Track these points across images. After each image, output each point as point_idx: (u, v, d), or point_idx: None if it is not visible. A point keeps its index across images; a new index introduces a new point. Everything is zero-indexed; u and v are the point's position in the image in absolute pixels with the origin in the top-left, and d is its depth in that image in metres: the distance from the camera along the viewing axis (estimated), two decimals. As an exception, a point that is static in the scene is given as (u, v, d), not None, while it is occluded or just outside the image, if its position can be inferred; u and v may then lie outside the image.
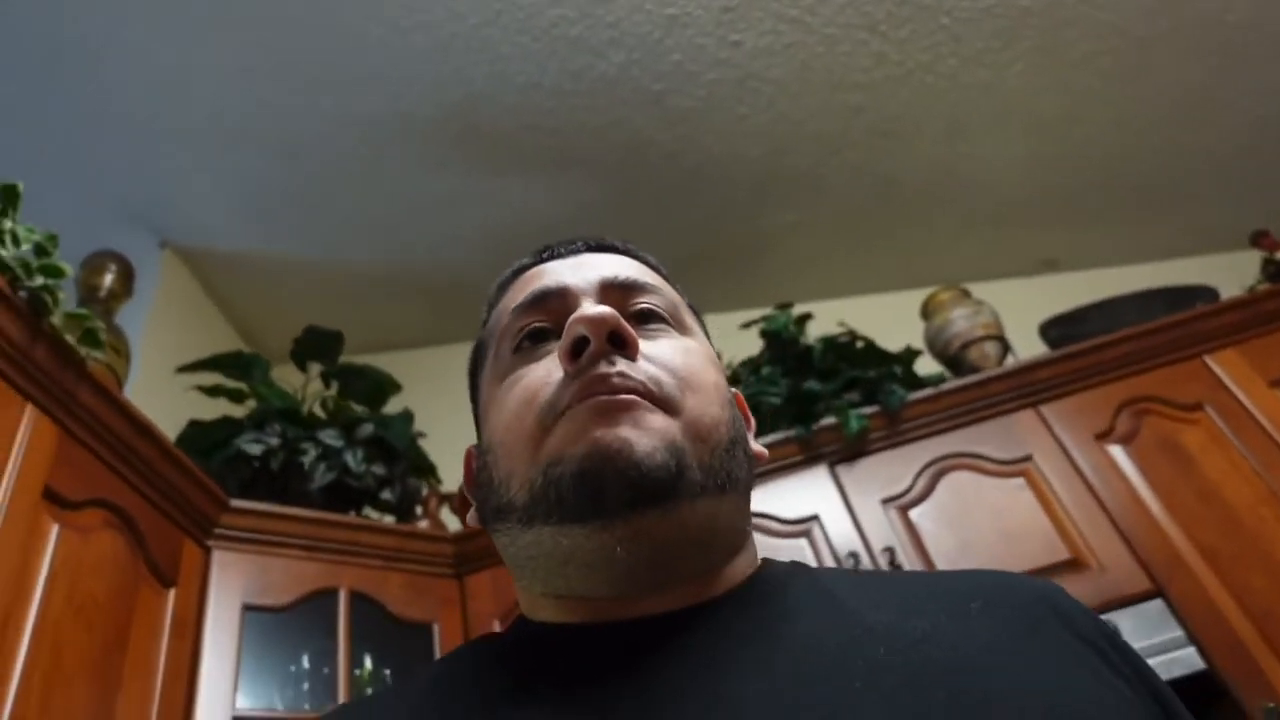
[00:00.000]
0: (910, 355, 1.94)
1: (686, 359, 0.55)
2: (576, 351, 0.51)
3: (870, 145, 2.13)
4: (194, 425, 1.77)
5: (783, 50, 1.94)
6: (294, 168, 2.20)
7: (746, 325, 2.06)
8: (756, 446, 0.59)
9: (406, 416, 1.93)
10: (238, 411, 1.95)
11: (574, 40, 1.94)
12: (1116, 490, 1.60)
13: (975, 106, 2.05)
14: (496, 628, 1.71)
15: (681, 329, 0.58)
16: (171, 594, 1.45)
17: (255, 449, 1.71)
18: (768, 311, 2.04)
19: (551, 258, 0.63)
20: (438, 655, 1.67)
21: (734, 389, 0.61)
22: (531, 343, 0.56)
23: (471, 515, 0.59)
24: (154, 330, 2.24)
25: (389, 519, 1.95)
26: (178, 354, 2.08)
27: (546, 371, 0.53)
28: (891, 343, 2.00)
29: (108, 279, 1.77)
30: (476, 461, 0.59)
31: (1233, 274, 2.05)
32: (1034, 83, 2.00)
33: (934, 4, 1.87)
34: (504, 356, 0.58)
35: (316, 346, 2.00)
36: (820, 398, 1.80)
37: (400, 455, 1.86)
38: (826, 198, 2.26)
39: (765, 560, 0.57)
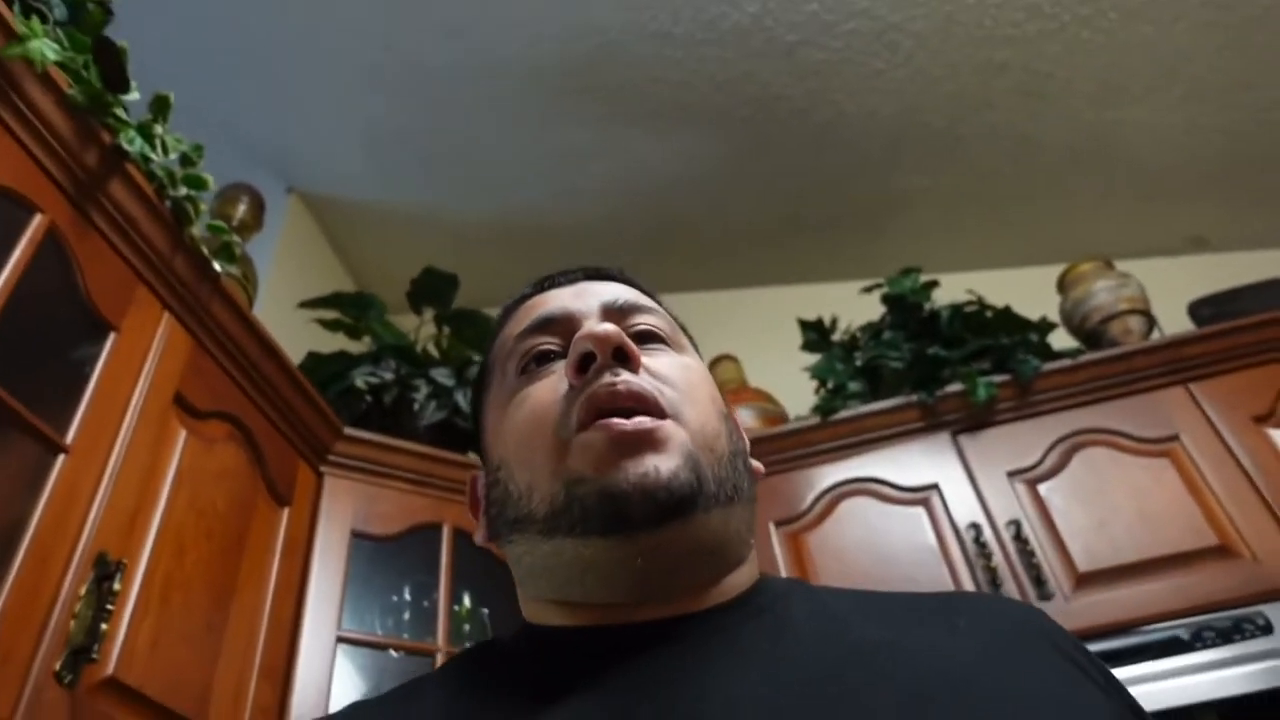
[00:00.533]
0: (1047, 325, 1.82)
1: (685, 374, 0.57)
2: (583, 366, 0.53)
3: (1013, 106, 2.00)
4: (313, 356, 1.80)
5: (928, 0, 1.84)
6: (420, 115, 2.21)
7: (868, 289, 1.98)
8: (755, 464, 0.61)
9: (517, 361, 1.92)
10: (354, 350, 1.98)
11: (709, -14, 1.89)
12: (1276, 477, 1.47)
13: (1134, 67, 1.90)
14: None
15: (678, 348, 0.61)
16: (285, 513, 1.48)
17: (370, 382, 1.73)
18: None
19: (552, 286, 0.64)
20: (537, 598, 1.66)
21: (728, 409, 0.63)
22: (537, 364, 0.58)
23: (480, 535, 0.60)
24: (277, 269, 2.30)
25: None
26: (297, 295, 2.11)
27: (554, 387, 0.55)
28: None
29: (240, 209, 1.82)
30: (487, 479, 0.60)
31: None
32: (1202, 42, 1.84)
33: (1097, -50, 1.74)
34: (509, 378, 0.59)
35: (432, 289, 2.02)
36: (947, 363, 1.71)
37: (509, 399, 1.85)
38: (961, 161, 2.15)
39: (763, 573, 0.59)
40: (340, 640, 1.44)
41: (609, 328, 0.53)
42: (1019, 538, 1.49)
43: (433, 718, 0.51)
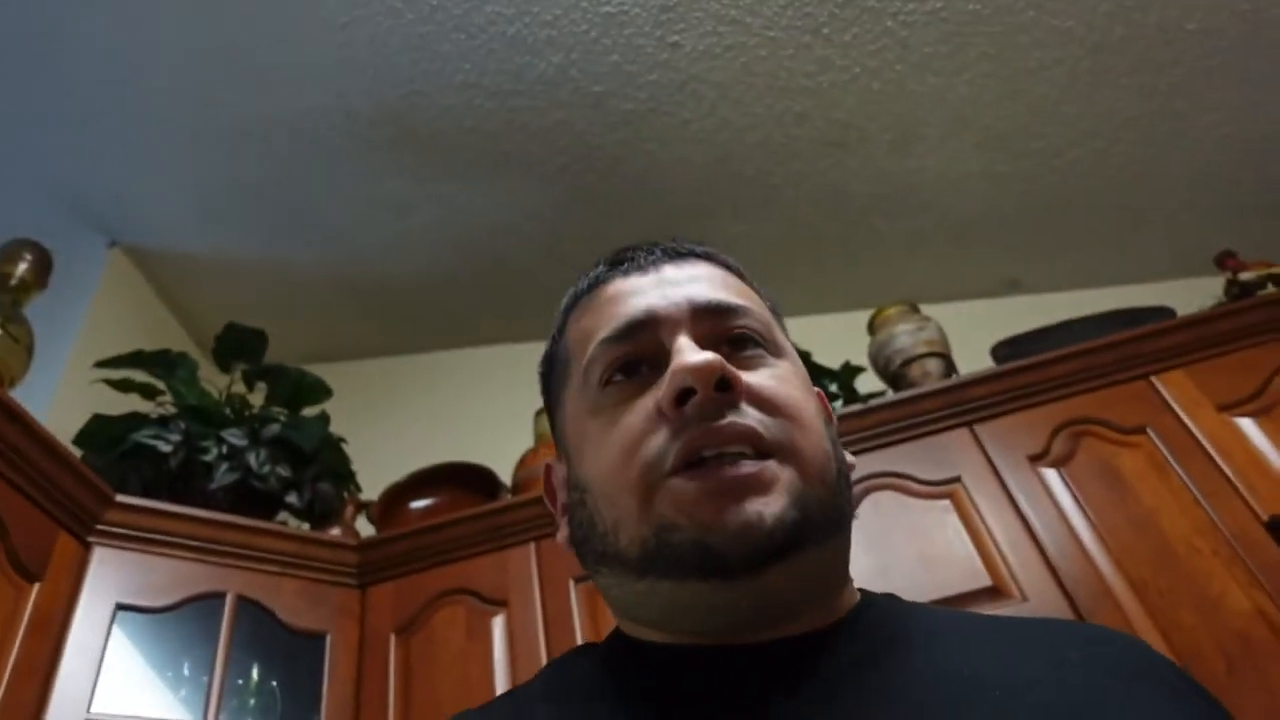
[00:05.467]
0: (850, 372, 1.85)
1: (787, 390, 0.53)
2: (681, 399, 0.50)
3: (818, 155, 2.05)
4: (98, 419, 1.72)
5: (723, 53, 1.89)
6: (244, 166, 2.16)
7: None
8: (849, 457, 0.58)
9: (321, 419, 1.87)
10: (157, 411, 1.90)
11: (511, 39, 1.90)
12: (1047, 516, 1.49)
13: (925, 116, 1.97)
14: (393, 642, 1.63)
15: (776, 351, 0.57)
16: (35, 589, 1.39)
17: (153, 444, 1.65)
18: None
19: (630, 269, 0.60)
20: (327, 667, 1.59)
21: (816, 388, 0.60)
22: (624, 376, 0.55)
23: (563, 537, 0.58)
24: (96, 329, 2.20)
25: (305, 525, 1.88)
26: (121, 352, 2.01)
27: (647, 417, 0.51)
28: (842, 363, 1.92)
29: (20, 268, 1.74)
30: (570, 495, 0.57)
31: (1197, 298, 1.93)
32: (986, 93, 1.92)
33: (879, 6, 1.81)
34: (592, 386, 0.56)
35: (238, 345, 1.95)
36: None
37: (309, 458, 1.79)
38: (775, 209, 2.18)
39: (864, 591, 0.58)
40: (90, 722, 1.36)
41: (710, 358, 0.49)
42: (800, 585, 1.49)
43: None
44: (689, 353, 0.51)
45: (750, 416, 0.50)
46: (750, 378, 0.52)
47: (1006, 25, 1.82)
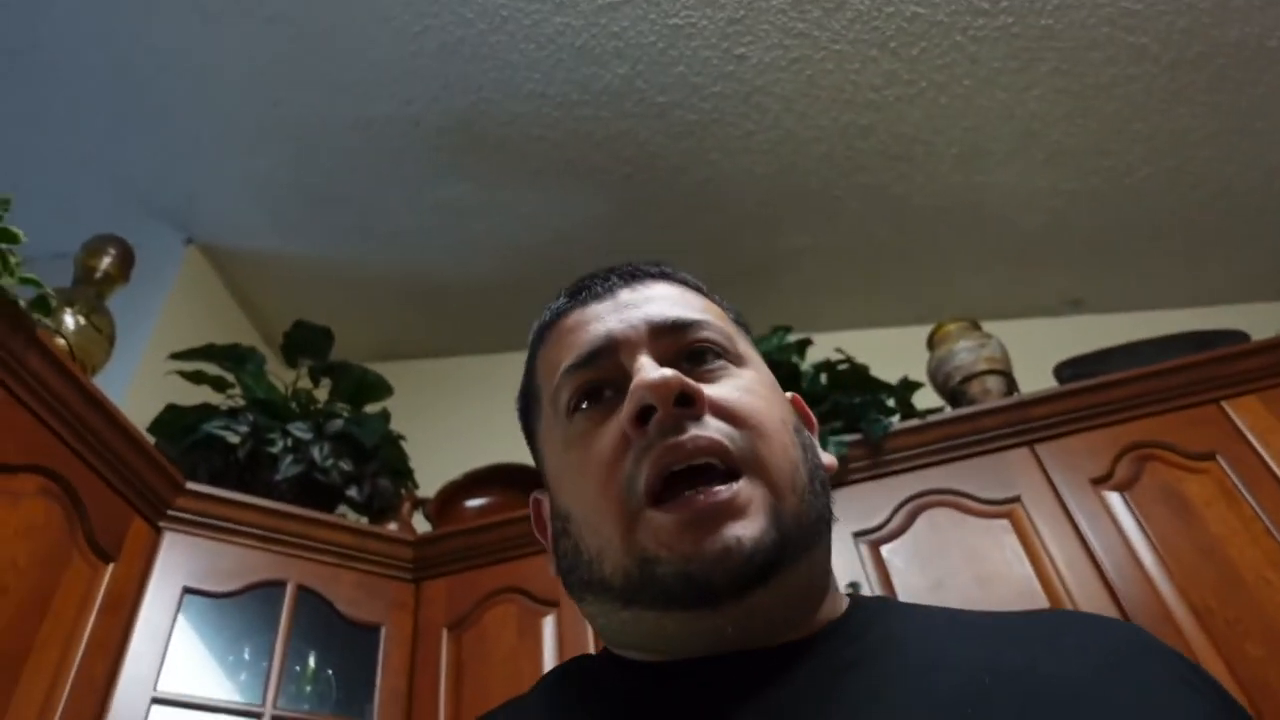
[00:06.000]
0: (908, 386, 1.83)
1: (751, 400, 0.53)
2: (643, 418, 0.50)
3: (882, 168, 2.04)
4: (170, 409, 1.78)
5: (789, 65, 1.89)
6: (312, 169, 2.23)
7: (740, 347, 1.99)
8: (825, 458, 0.58)
9: (382, 416, 1.91)
10: (227, 403, 1.97)
11: (579, 49, 1.93)
12: (1109, 539, 1.46)
13: (993, 132, 1.95)
14: (445, 637, 1.66)
15: (738, 360, 0.57)
16: (109, 569, 1.44)
17: (222, 435, 1.71)
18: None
19: (588, 298, 0.60)
20: (381, 658, 1.63)
21: (789, 392, 0.60)
22: (590, 403, 0.56)
23: (552, 566, 0.59)
24: (171, 321, 2.28)
25: (363, 519, 1.93)
26: (194, 345, 2.09)
27: (615, 443, 0.52)
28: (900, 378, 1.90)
29: (105, 262, 1.81)
30: (554, 524, 0.58)
31: (1271, 324, 1.88)
32: (1056, 108, 1.89)
33: (948, 21, 1.80)
34: (561, 417, 0.57)
35: (305, 342, 2.01)
36: (801, 422, 1.71)
37: (370, 453, 1.84)
38: (839, 222, 2.18)
39: (854, 595, 0.57)
40: (155, 701, 1.40)
41: (667, 375, 0.50)
42: (853, 599, 1.48)
43: None
44: (648, 370, 0.52)
45: (713, 428, 0.50)
46: (712, 390, 0.53)
47: (1079, 41, 1.79)
